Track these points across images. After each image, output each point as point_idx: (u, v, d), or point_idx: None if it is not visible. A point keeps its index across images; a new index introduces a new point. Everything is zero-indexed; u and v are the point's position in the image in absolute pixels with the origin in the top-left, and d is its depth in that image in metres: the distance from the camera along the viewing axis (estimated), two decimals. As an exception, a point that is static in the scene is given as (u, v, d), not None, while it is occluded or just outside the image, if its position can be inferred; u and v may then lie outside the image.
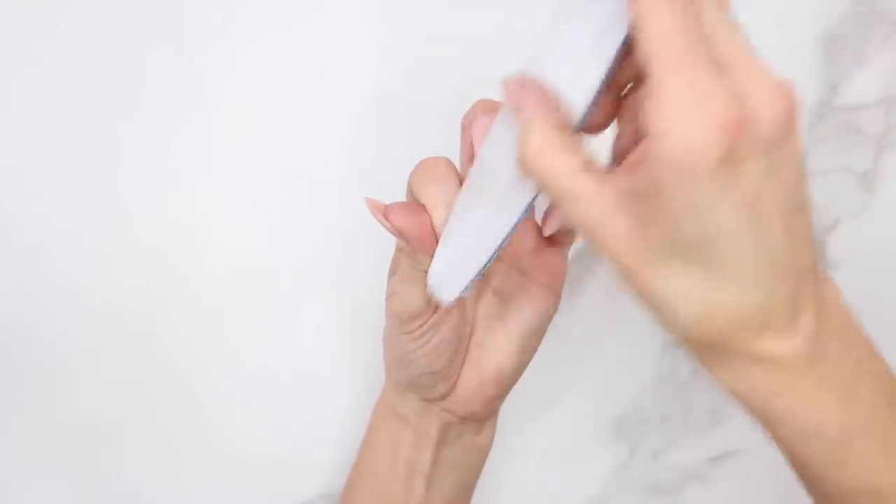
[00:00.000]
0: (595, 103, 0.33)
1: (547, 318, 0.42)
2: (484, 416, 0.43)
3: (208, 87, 0.51)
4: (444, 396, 0.42)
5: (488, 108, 0.37)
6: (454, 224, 0.37)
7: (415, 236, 0.37)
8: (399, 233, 0.37)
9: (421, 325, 0.40)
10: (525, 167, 0.32)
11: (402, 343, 0.41)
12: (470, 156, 0.37)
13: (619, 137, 0.35)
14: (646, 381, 0.53)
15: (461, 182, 0.38)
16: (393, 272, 0.40)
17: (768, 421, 0.33)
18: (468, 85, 0.49)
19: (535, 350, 0.42)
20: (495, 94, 0.39)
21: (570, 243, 0.43)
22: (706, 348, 0.32)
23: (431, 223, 0.37)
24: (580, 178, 0.30)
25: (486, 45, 0.52)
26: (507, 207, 0.36)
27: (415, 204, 0.37)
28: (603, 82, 0.32)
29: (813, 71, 0.52)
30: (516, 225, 0.36)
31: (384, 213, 0.37)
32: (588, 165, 0.31)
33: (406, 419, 0.43)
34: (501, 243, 0.37)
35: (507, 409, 0.45)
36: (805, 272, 0.31)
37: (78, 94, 0.50)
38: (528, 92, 0.32)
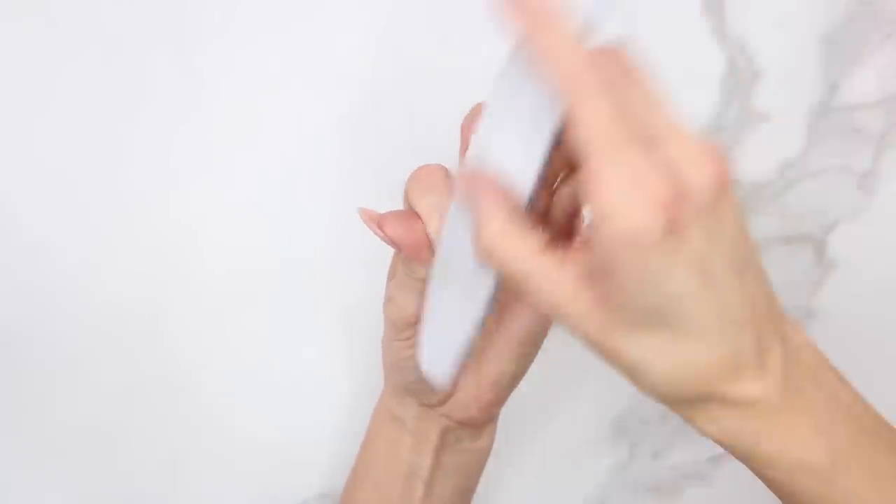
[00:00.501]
0: (539, 185, 0.34)
1: (546, 325, 0.41)
2: (482, 422, 0.43)
3: (208, 87, 0.51)
4: (441, 402, 0.42)
5: None
6: (430, 307, 0.38)
7: (409, 246, 0.37)
8: (393, 242, 0.37)
9: (416, 333, 0.40)
10: (483, 255, 0.33)
11: (398, 349, 0.40)
12: None
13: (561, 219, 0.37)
14: (646, 381, 0.53)
15: None
16: (391, 276, 0.40)
17: (756, 463, 0.34)
18: (468, 86, 0.49)
19: (533, 356, 0.42)
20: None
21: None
22: (682, 402, 0.33)
23: (426, 232, 0.37)
24: (538, 262, 0.31)
25: (486, 46, 0.52)
26: (473, 290, 0.37)
27: (409, 213, 0.37)
28: (544, 164, 0.33)
29: (813, 71, 0.52)
30: (489, 303, 0.37)
31: (378, 222, 0.37)
32: (543, 247, 0.32)
33: (405, 423, 0.43)
34: (478, 323, 0.37)
35: (507, 409, 0.45)
36: (765, 318, 0.32)
37: (78, 94, 0.50)
38: (478, 181, 0.33)
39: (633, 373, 0.32)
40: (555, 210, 0.38)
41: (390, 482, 0.44)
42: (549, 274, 0.31)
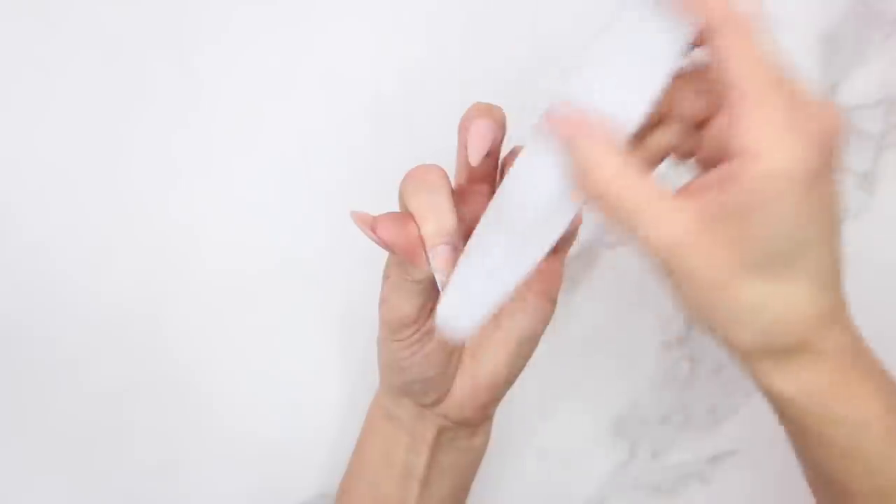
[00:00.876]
0: (637, 129, 0.33)
1: (542, 326, 0.41)
2: (478, 421, 0.43)
3: (208, 87, 0.51)
4: (437, 402, 0.42)
5: (484, 111, 0.37)
6: (472, 257, 0.36)
7: (402, 248, 0.37)
8: (386, 245, 0.37)
9: (412, 334, 0.40)
10: (595, 196, 0.32)
11: (393, 350, 0.40)
12: (466, 160, 0.37)
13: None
14: (646, 381, 0.53)
15: (454, 190, 0.37)
16: (386, 276, 0.40)
17: (823, 420, 0.34)
18: (468, 87, 0.49)
19: (529, 355, 0.42)
20: (494, 98, 0.39)
21: (567, 250, 0.43)
22: (775, 353, 0.33)
23: (419, 234, 0.36)
24: (656, 203, 0.31)
25: (486, 48, 0.52)
26: (535, 240, 0.36)
27: (402, 215, 0.37)
28: (652, 108, 0.33)
29: (813, 71, 0.51)
30: (540, 261, 0.36)
31: (371, 225, 0.37)
32: (659, 188, 0.32)
33: (401, 422, 0.43)
34: (525, 276, 0.36)
35: (506, 409, 0.45)
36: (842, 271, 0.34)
37: (78, 95, 0.50)
38: (582, 123, 0.33)
39: (742, 319, 0.32)
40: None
41: (386, 481, 0.44)
42: (667, 215, 0.31)
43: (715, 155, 0.34)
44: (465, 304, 0.37)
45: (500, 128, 0.37)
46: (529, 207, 0.35)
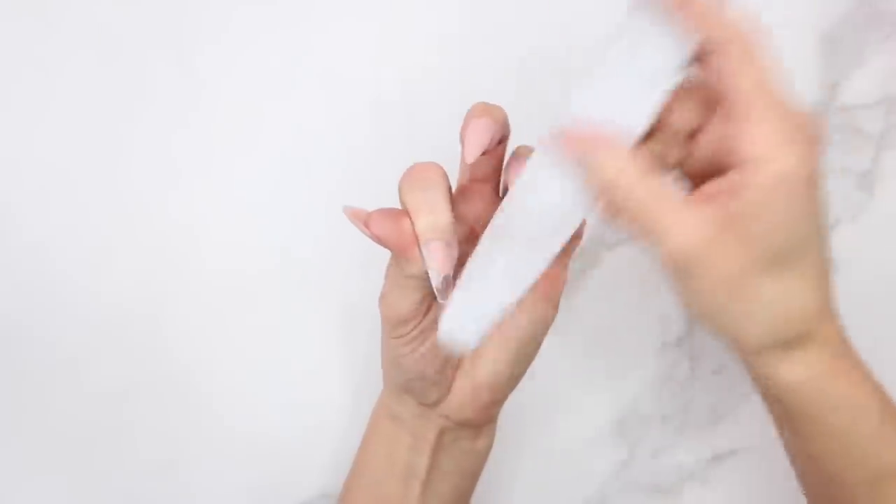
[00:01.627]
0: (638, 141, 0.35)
1: (543, 328, 0.41)
2: (480, 423, 0.43)
3: (208, 87, 0.51)
4: (438, 402, 0.42)
5: (484, 111, 0.37)
6: (477, 269, 0.37)
7: (395, 243, 0.37)
8: (380, 240, 0.37)
9: (410, 331, 0.40)
10: (619, 204, 0.34)
11: (394, 346, 0.40)
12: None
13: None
14: (646, 381, 0.53)
15: (452, 188, 0.38)
16: (387, 274, 0.40)
17: (824, 406, 0.36)
18: (468, 88, 0.49)
19: (531, 358, 0.42)
20: (494, 97, 0.39)
21: (571, 252, 0.43)
22: (782, 346, 0.35)
23: (413, 229, 0.37)
24: (677, 210, 0.34)
25: (485, 48, 0.52)
26: (539, 251, 0.37)
27: (396, 211, 0.37)
28: (654, 119, 0.35)
29: (813, 71, 0.52)
30: (542, 272, 0.37)
31: (364, 221, 0.37)
32: (675, 191, 0.34)
33: (403, 422, 0.43)
34: (529, 287, 0.37)
35: (507, 408, 0.45)
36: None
37: (78, 95, 0.50)
38: (594, 133, 0.35)
39: (755, 315, 0.34)
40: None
41: (388, 480, 0.44)
42: (685, 221, 0.33)
43: (706, 164, 0.36)
44: (469, 317, 0.37)
45: (500, 127, 0.38)
46: (535, 219, 0.36)
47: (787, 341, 0.35)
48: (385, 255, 0.41)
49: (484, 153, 0.37)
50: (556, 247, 0.37)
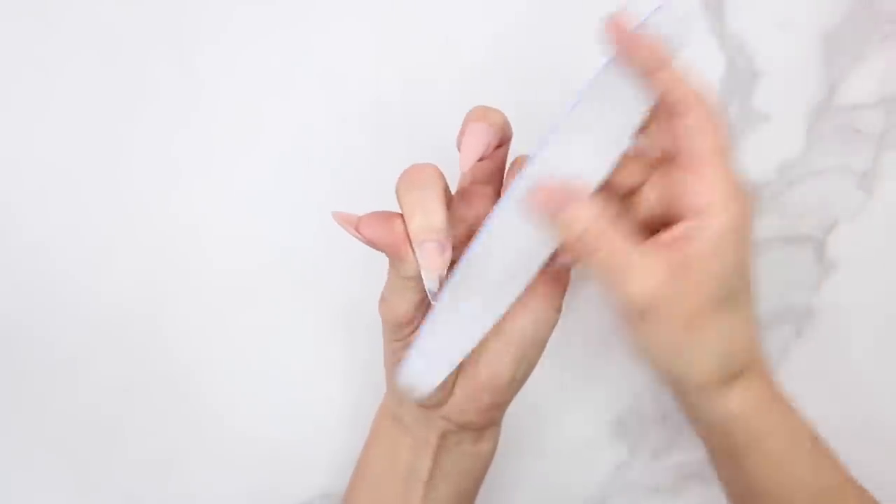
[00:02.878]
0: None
1: (545, 331, 0.41)
2: (482, 426, 0.43)
3: (208, 87, 0.51)
4: (440, 404, 0.42)
5: (481, 115, 0.37)
6: (440, 317, 0.39)
7: (387, 245, 0.37)
8: (371, 243, 0.37)
9: (410, 333, 0.40)
10: (587, 254, 0.37)
11: (396, 349, 0.40)
12: None
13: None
14: (646, 381, 0.53)
15: (450, 189, 0.38)
16: (387, 278, 0.40)
17: (762, 432, 0.39)
18: (468, 88, 0.49)
19: (533, 361, 0.42)
20: (494, 97, 0.39)
21: (574, 263, 0.43)
22: (728, 378, 0.39)
23: (405, 230, 0.37)
24: (633, 251, 0.36)
25: (485, 48, 0.52)
26: (504, 294, 0.39)
27: (387, 213, 0.38)
28: (610, 173, 0.38)
29: (813, 71, 0.52)
30: (501, 316, 0.39)
31: (355, 225, 0.38)
32: (635, 238, 0.37)
33: (405, 425, 0.43)
34: (488, 330, 0.39)
35: (507, 409, 0.45)
36: None
37: (78, 95, 0.50)
38: (556, 187, 0.37)
39: (709, 350, 0.37)
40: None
41: (390, 483, 0.44)
42: (644, 263, 0.36)
43: (644, 221, 0.40)
44: (430, 365, 0.39)
45: (498, 131, 0.38)
46: (501, 265, 0.38)
47: (733, 373, 0.39)
48: (385, 256, 0.41)
49: (482, 159, 0.37)
50: (516, 292, 0.39)
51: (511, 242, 0.38)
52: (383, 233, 0.37)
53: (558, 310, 0.41)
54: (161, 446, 0.52)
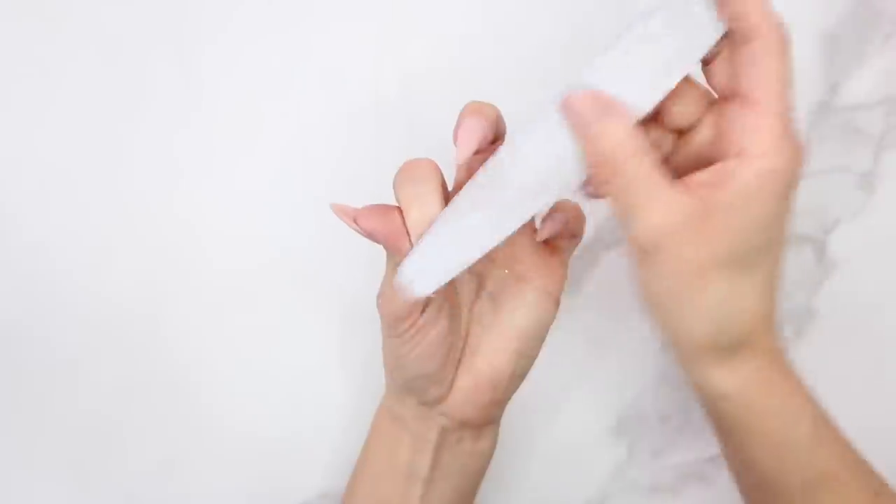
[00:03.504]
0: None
1: (544, 324, 0.41)
2: (481, 422, 0.43)
3: (208, 87, 0.51)
4: (439, 400, 0.42)
5: (475, 109, 0.37)
6: (450, 219, 0.37)
7: (386, 237, 0.37)
8: (369, 235, 0.38)
9: (409, 328, 0.40)
10: (606, 166, 0.34)
11: (395, 346, 0.40)
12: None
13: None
14: (646, 381, 0.53)
15: (445, 183, 0.38)
16: (385, 273, 0.40)
17: (758, 414, 0.37)
18: (468, 87, 0.49)
19: (533, 356, 0.42)
20: (494, 97, 0.39)
21: (572, 249, 0.43)
22: (721, 349, 0.36)
23: (403, 222, 0.37)
24: (660, 188, 0.34)
25: (485, 47, 0.52)
26: (519, 207, 0.37)
27: (386, 206, 0.38)
28: (659, 101, 0.35)
29: (813, 71, 0.51)
30: (509, 236, 0.37)
31: (353, 217, 0.38)
32: (662, 168, 0.34)
33: (405, 423, 0.43)
34: (494, 246, 0.37)
35: (507, 408, 0.45)
36: None
37: (78, 95, 0.50)
38: (600, 99, 0.35)
39: (703, 310, 0.35)
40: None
41: (389, 481, 0.44)
42: (665, 201, 0.34)
43: (692, 162, 0.36)
44: (431, 266, 0.37)
45: (492, 125, 0.38)
46: (523, 174, 0.36)
47: (727, 345, 0.36)
48: (383, 252, 0.41)
49: (477, 153, 0.37)
50: (536, 208, 0.37)
51: (540, 155, 0.36)
52: (382, 225, 0.37)
53: (557, 302, 0.41)
54: (161, 446, 0.52)
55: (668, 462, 0.54)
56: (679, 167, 0.37)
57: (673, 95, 0.36)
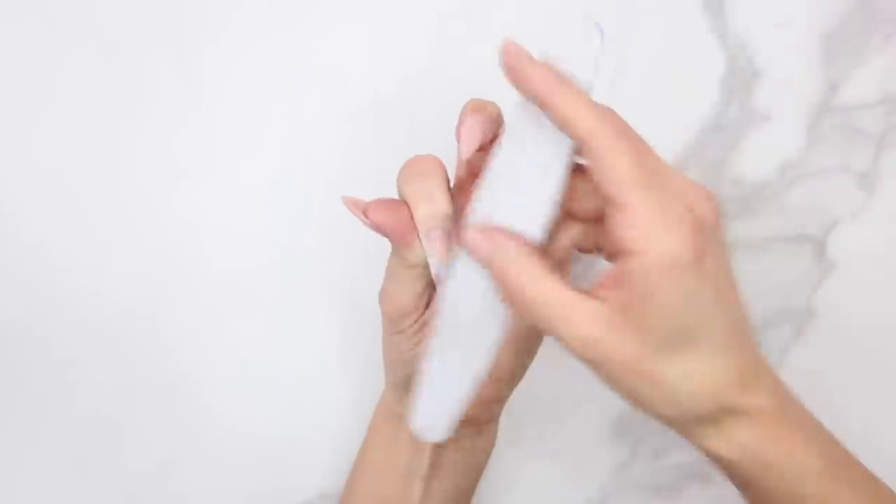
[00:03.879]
0: (544, 235, 0.36)
1: None
2: (480, 421, 0.43)
3: (208, 87, 0.51)
4: None
5: (478, 107, 0.37)
6: (430, 372, 0.38)
7: (394, 231, 0.38)
8: (378, 228, 0.38)
9: (411, 325, 0.40)
10: (516, 304, 0.34)
11: (396, 343, 0.41)
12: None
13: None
14: (646, 381, 0.53)
15: (449, 178, 0.38)
16: (386, 269, 0.41)
17: (761, 473, 0.36)
18: (468, 87, 0.49)
19: (533, 353, 0.42)
20: (494, 97, 0.39)
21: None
22: (700, 419, 0.35)
23: (411, 217, 0.37)
24: (571, 305, 0.34)
25: (484, 47, 0.52)
26: (481, 342, 0.38)
27: (395, 201, 0.38)
28: (552, 214, 0.36)
29: (813, 71, 0.51)
30: (492, 355, 0.38)
31: (363, 209, 0.38)
32: (570, 285, 0.34)
33: (404, 421, 0.43)
34: (486, 370, 0.38)
35: (507, 408, 0.45)
36: (751, 333, 0.36)
37: (78, 94, 0.50)
38: (494, 232, 0.35)
39: (664, 395, 0.34)
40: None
41: (389, 479, 0.44)
42: (578, 315, 0.33)
43: (614, 248, 0.36)
44: (438, 413, 0.39)
45: (494, 123, 0.38)
46: (468, 312, 0.37)
47: (707, 417, 0.35)
48: (385, 254, 0.41)
49: (480, 149, 0.37)
50: (494, 336, 0.38)
51: (471, 291, 0.37)
52: (390, 218, 0.38)
53: None
54: (161, 446, 0.52)
55: (670, 462, 0.54)
56: (609, 253, 0.37)
57: (572, 192, 0.36)
